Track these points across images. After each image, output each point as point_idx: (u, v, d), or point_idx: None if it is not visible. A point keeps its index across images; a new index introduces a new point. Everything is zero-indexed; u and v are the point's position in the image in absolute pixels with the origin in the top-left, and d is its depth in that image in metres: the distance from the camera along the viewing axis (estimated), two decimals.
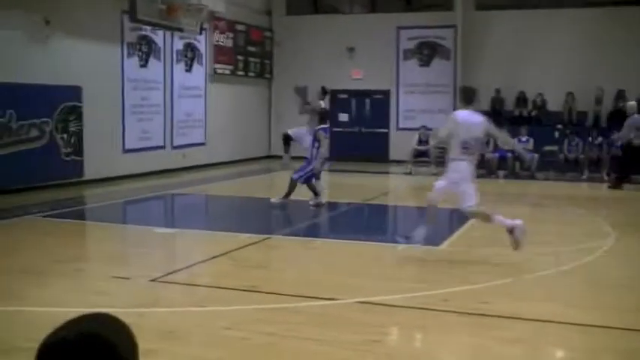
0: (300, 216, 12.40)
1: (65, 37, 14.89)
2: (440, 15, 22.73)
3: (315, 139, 12.54)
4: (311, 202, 12.49)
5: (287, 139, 14.00)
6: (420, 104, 22.62)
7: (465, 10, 22.03)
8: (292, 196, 12.43)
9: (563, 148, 19.41)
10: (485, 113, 11.73)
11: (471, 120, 8.39)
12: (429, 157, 19.70)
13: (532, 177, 18.13)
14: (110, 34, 16.34)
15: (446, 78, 22.37)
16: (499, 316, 6.20)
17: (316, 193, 12.53)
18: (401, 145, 21.48)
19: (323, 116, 12.85)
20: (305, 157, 12.75)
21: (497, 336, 5.74)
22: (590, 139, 19.14)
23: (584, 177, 18.48)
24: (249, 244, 9.35)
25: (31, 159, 13.78)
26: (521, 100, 21.34)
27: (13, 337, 5.54)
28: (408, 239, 8.96)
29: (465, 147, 8.32)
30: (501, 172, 18.82)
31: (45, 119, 14.19)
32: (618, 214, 12.72)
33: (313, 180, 12.55)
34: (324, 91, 13.84)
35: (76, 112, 15.02)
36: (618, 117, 18.31)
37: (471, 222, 11.21)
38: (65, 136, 14.75)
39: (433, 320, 6.17)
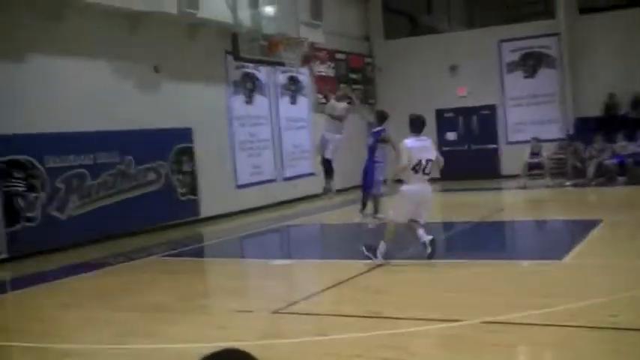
0: (414, 238, 12.24)
1: (174, 81, 15.44)
2: (542, 24, 22.23)
3: (380, 141, 12.60)
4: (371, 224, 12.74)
5: (328, 165, 14.04)
6: (528, 116, 22.13)
7: (567, 16, 21.45)
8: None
9: None
10: (598, 119, 11.29)
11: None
12: (543, 169, 19.20)
13: None
14: (215, 75, 16.82)
15: (553, 87, 21.81)
16: (630, 329, 5.90)
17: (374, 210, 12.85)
18: (512, 159, 21.03)
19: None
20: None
21: (630, 352, 5.46)
22: None
23: None
24: (367, 271, 9.30)
25: (149, 201, 14.27)
26: (637, 102, 20.48)
27: None
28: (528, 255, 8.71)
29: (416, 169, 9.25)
30: (621, 179, 18.09)
31: (160, 162, 14.68)
32: None
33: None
34: (382, 117, 13.56)
35: (189, 153, 15.48)
36: None
37: (593, 234, 10.82)
38: (180, 176, 15.21)
39: (563, 337, 5.93)
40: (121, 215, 13.68)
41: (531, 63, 22.22)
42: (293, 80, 19.83)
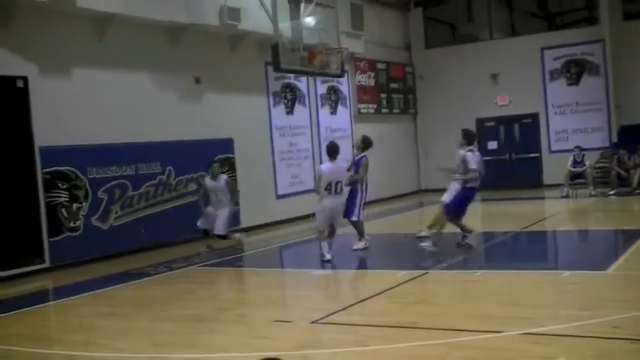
0: (455, 249, 12.16)
1: (214, 93, 15.59)
2: (585, 30, 21.97)
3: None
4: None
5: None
6: (571, 124, 21.85)
7: (612, 22, 21.14)
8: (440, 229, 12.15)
9: None
10: None
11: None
12: (586, 178, 18.91)
13: None
14: (256, 86, 16.93)
15: (597, 95, 21.49)
16: None
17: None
18: (555, 168, 20.76)
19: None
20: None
21: None
22: None
23: None
24: (407, 281, 9.26)
25: (190, 212, 14.38)
26: None
27: None
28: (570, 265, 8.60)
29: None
30: None
31: (201, 173, 14.80)
32: None
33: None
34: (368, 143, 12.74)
35: (229, 163, 15.60)
36: None
37: (638, 244, 10.65)
38: None
39: (605, 349, 5.83)
40: (161, 225, 13.84)
41: (574, 70, 21.94)
42: (333, 90, 19.86)
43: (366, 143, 12.66)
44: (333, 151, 11.51)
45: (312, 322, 7.43)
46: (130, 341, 7.14)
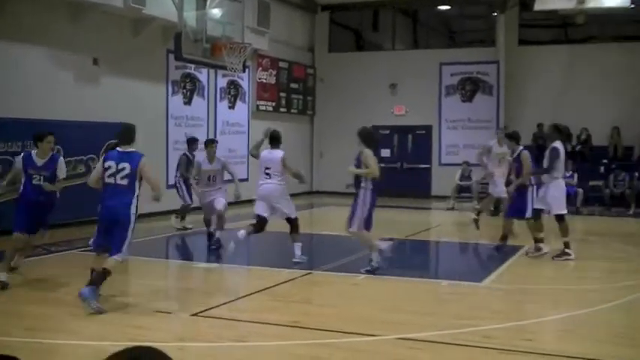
0: (341, 251, 12.34)
1: (112, 75, 15.24)
2: (482, 51, 22.75)
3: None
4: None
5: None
6: (462, 140, 22.53)
7: (507, 46, 22.00)
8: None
9: (609, 183, 19.13)
10: (528, 148, 11.66)
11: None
12: (472, 192, 19.57)
13: (577, 212, 17.82)
14: (156, 73, 16.67)
15: (488, 113, 22.27)
16: (542, 354, 6.08)
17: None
18: (443, 180, 21.37)
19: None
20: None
21: None
22: (636, 174, 18.84)
23: (631, 212, 18.15)
24: (290, 280, 9.35)
25: (77, 195, 13.99)
26: (566, 135, 21.09)
27: None
28: (448, 275, 8.88)
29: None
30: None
31: (91, 155, 14.45)
32: None
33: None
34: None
35: None
36: None
37: (514, 258, 11.11)
38: None
39: (475, 357, 6.07)
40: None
41: (469, 88, 22.67)
42: (233, 84, 19.78)
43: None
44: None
45: (193, 315, 7.40)
46: (2, 324, 6.91)
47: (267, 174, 10.82)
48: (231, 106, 19.83)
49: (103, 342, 6.24)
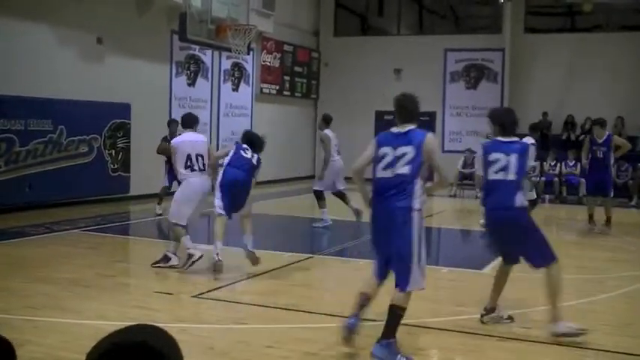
0: (343, 236, 12.36)
1: (116, 55, 15.19)
2: (488, 38, 22.63)
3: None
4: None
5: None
6: (465, 127, 22.48)
7: (513, 33, 21.88)
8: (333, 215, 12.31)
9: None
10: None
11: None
12: (474, 180, 19.54)
13: (579, 202, 17.79)
14: (160, 53, 16.62)
15: (493, 101, 22.15)
16: (540, 342, 6.08)
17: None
18: (446, 167, 21.20)
19: None
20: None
21: None
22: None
23: (633, 203, 18.12)
24: (292, 263, 9.36)
25: (79, 174, 14.01)
26: (570, 124, 21.07)
27: (54, 348, 5.61)
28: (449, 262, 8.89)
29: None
30: (547, 197, 18.54)
31: (94, 135, 14.44)
32: None
33: None
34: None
35: (125, 129, 15.26)
36: None
37: None
38: (113, 152, 14.99)
39: (474, 344, 6.08)
40: (48, 185, 13.38)
41: (474, 75, 22.59)
42: (237, 67, 19.73)
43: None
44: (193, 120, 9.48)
45: (194, 297, 7.41)
46: (2, 301, 6.92)
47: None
48: (235, 89, 19.78)
49: (103, 321, 6.25)
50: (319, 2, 24.11)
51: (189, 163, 8.81)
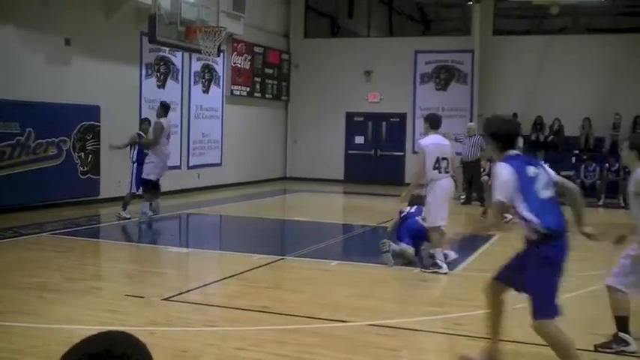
0: (314, 237, 12.38)
1: (85, 57, 15.06)
2: (457, 39, 22.79)
3: None
4: None
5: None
6: None
7: (482, 35, 22.04)
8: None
9: (580, 174, 19.32)
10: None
11: None
12: None
13: None
14: (129, 55, 16.49)
15: (462, 102, 22.35)
16: (510, 341, 6.14)
17: None
18: (416, 168, 21.39)
19: None
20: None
21: None
22: (607, 165, 19.05)
23: (601, 203, 18.36)
24: (263, 265, 9.35)
25: (48, 177, 13.87)
26: (538, 124, 21.30)
27: (23, 354, 5.55)
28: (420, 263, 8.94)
29: None
30: None
31: (63, 138, 14.30)
32: None
33: None
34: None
35: (94, 131, 15.14)
36: None
37: (486, 247, 11.21)
38: (82, 154, 14.86)
39: (445, 344, 6.13)
40: (16, 188, 13.22)
41: (443, 76, 22.72)
42: (208, 69, 19.66)
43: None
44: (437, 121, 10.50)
45: (165, 299, 7.38)
46: None
47: None
48: (206, 91, 19.70)
49: (74, 325, 6.20)
50: (289, 4, 24.11)
51: (436, 165, 9.59)
